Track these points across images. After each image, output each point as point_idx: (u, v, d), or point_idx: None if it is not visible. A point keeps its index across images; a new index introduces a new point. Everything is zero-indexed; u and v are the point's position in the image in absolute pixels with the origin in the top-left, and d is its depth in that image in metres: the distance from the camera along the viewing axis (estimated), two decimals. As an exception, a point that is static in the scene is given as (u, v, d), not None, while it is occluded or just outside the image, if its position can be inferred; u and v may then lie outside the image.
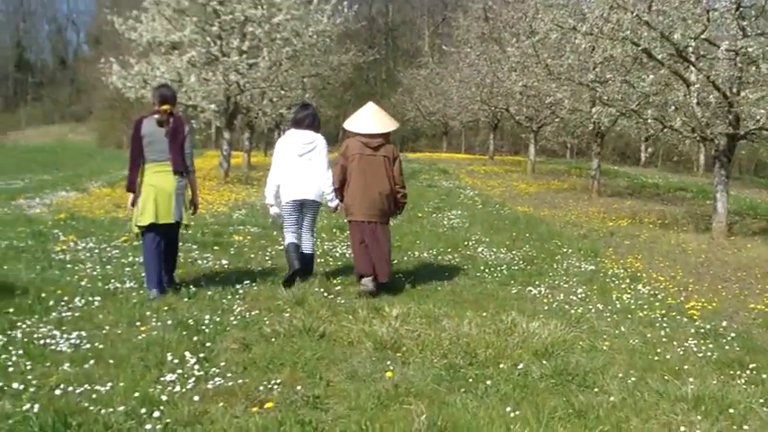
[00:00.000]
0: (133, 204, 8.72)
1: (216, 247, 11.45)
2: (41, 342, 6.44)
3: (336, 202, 9.65)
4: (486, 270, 10.62)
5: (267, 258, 10.94)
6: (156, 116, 8.59)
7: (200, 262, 10.37)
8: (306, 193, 9.48)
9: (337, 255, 11.50)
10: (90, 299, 7.99)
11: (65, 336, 6.65)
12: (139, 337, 6.66)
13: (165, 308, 7.75)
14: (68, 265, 9.78)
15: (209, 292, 8.50)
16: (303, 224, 9.65)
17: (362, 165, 9.38)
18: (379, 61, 66.38)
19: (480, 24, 34.83)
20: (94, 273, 9.37)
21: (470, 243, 12.97)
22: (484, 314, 8.01)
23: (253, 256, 11.08)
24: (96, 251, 10.89)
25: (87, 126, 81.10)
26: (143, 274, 8.75)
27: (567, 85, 20.58)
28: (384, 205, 9.45)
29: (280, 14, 21.19)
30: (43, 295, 7.98)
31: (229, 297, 8.39)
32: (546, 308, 8.60)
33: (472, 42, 35.45)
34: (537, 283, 9.93)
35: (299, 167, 9.48)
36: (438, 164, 38.49)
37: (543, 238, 13.97)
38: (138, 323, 7.17)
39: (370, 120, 9.66)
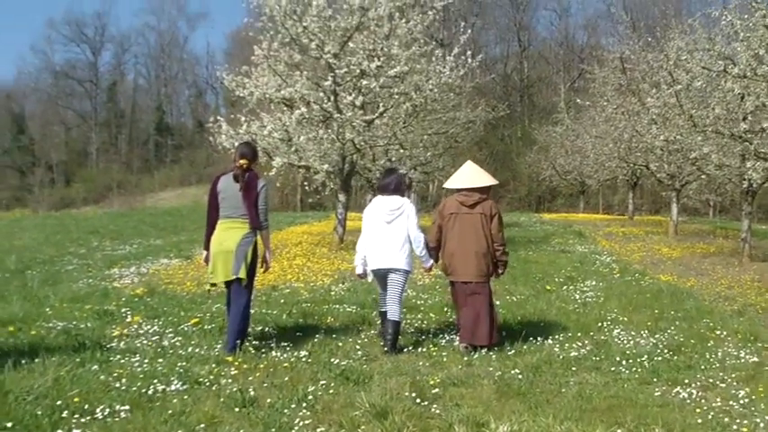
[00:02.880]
0: (207, 262, 8.97)
1: (299, 334, 9.69)
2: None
3: (431, 262, 9.67)
4: (623, 362, 8.63)
5: (357, 348, 9.10)
6: (232, 172, 8.78)
7: (274, 354, 8.63)
8: (392, 263, 9.30)
9: (443, 343, 9.62)
10: (117, 408, 6.39)
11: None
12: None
13: (202, 425, 6.10)
14: (116, 357, 8.22)
15: (270, 399, 6.83)
16: (389, 291, 9.39)
17: (459, 223, 9.49)
18: (513, 119, 65.14)
19: (617, 75, 32.68)
20: (140, 368, 7.77)
21: (605, 324, 10.94)
22: (619, 431, 6.15)
23: (341, 345, 9.25)
24: (156, 338, 9.30)
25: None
26: (194, 372, 7.62)
27: (715, 137, 18.48)
28: (482, 264, 9.43)
29: (397, 66, 19.60)
30: (58, 403, 6.41)
31: (294, 406, 6.68)
32: (699, 420, 6.64)
33: (608, 95, 33.30)
34: (686, 381, 7.90)
35: (386, 235, 9.35)
36: (573, 225, 36.22)
37: (691, 316, 11.79)
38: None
39: (465, 176, 9.80)
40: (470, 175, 9.80)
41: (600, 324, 10.92)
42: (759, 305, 13.11)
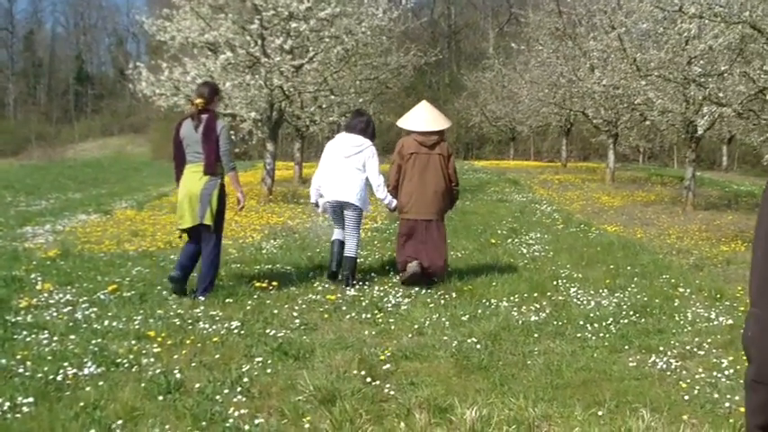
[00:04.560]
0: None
1: (228, 300, 8.59)
2: None
3: (395, 202, 9.92)
4: (588, 327, 7.82)
5: (295, 316, 8.13)
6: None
7: (202, 326, 7.60)
8: (346, 196, 9.61)
9: (389, 307, 8.66)
10: (19, 400, 5.40)
11: None
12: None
13: (120, 420, 5.13)
14: (21, 334, 7.14)
15: (198, 384, 5.87)
16: (345, 226, 9.77)
17: (418, 163, 9.71)
18: (441, 64, 64.29)
19: (553, 19, 31.76)
20: (48, 348, 6.73)
21: (560, 283, 10.15)
22: (600, 413, 5.36)
23: (276, 312, 8.23)
24: (68, 309, 8.14)
25: (146, 138, 79.93)
26: (111, 350, 6.66)
27: (660, 82, 17.75)
28: (440, 203, 9.81)
29: (328, 8, 18.48)
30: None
31: (226, 391, 5.73)
32: (685, 396, 5.86)
33: (543, 40, 32.41)
34: (660, 348, 7.10)
35: (343, 169, 9.65)
36: (507, 173, 35.61)
37: (649, 272, 11.06)
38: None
39: (424, 117, 9.97)
40: (429, 118, 10.00)
41: (555, 282, 10.12)
42: (716, 258, 12.49)
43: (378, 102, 32.69)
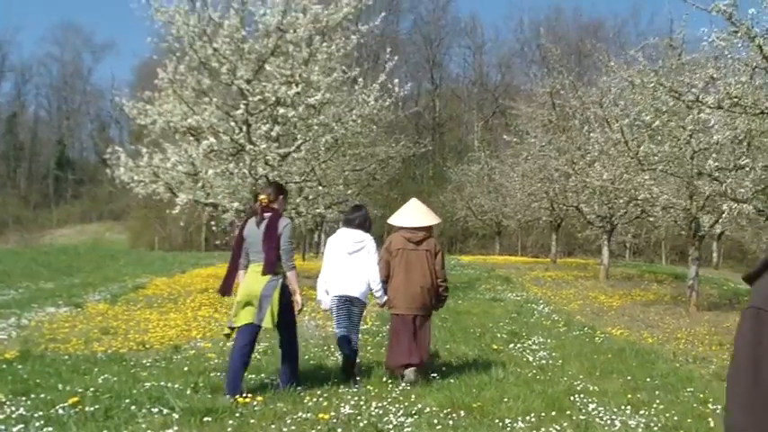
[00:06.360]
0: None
1: (207, 418, 7.39)
2: None
3: (385, 298, 9.94)
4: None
5: (283, 437, 7.00)
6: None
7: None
8: (352, 291, 9.68)
9: (391, 429, 7.37)
10: None
11: None
12: None
13: None
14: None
15: None
16: (349, 322, 9.79)
17: (405, 259, 9.78)
18: (426, 157, 64.08)
19: (546, 111, 31.14)
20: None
21: (576, 398, 9.05)
22: None
23: None
24: (19, 427, 6.84)
25: (125, 225, 79.25)
26: None
27: (663, 176, 17.01)
28: (426, 299, 9.79)
29: (318, 94, 17.62)
30: None
31: None
32: None
33: (535, 132, 31.74)
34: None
35: (347, 266, 9.72)
36: (495, 269, 34.62)
37: (671, 384, 9.98)
38: None
39: (411, 214, 10.17)
40: (417, 214, 10.18)
41: (571, 398, 9.01)
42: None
43: (364, 194, 32.00)
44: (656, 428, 7.67)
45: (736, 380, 2.26)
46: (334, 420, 7.58)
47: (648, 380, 10.27)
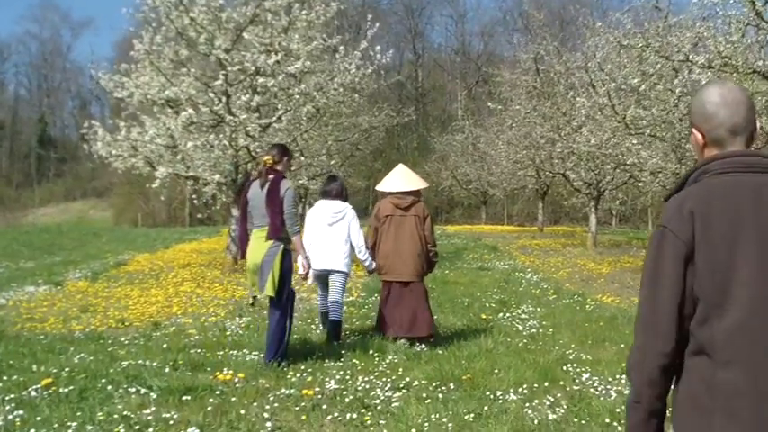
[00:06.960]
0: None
1: (186, 397, 7.09)
2: None
3: (374, 265, 10.01)
4: (617, 425, 6.48)
5: (266, 417, 6.66)
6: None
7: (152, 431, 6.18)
8: (333, 263, 9.72)
9: (378, 404, 7.06)
10: None
11: None
12: None
13: None
14: None
15: None
16: (330, 292, 9.89)
17: (394, 225, 9.81)
18: (409, 127, 63.68)
19: (532, 78, 30.76)
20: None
21: (569, 367, 8.76)
22: None
23: (243, 412, 6.72)
24: None
25: (108, 203, 78.62)
26: None
27: (656, 140, 16.74)
28: (417, 264, 9.80)
29: (298, 62, 17.25)
30: None
31: None
32: None
33: (519, 100, 31.37)
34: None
35: (328, 237, 9.76)
36: (482, 238, 34.44)
37: (665, 352, 9.78)
38: None
39: (399, 179, 10.17)
40: (404, 179, 10.19)
41: (564, 367, 8.73)
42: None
43: (347, 165, 31.67)
44: (652, 397, 7.37)
45: (642, 292, 2.68)
46: (319, 396, 7.29)
47: (641, 347, 10.00)
